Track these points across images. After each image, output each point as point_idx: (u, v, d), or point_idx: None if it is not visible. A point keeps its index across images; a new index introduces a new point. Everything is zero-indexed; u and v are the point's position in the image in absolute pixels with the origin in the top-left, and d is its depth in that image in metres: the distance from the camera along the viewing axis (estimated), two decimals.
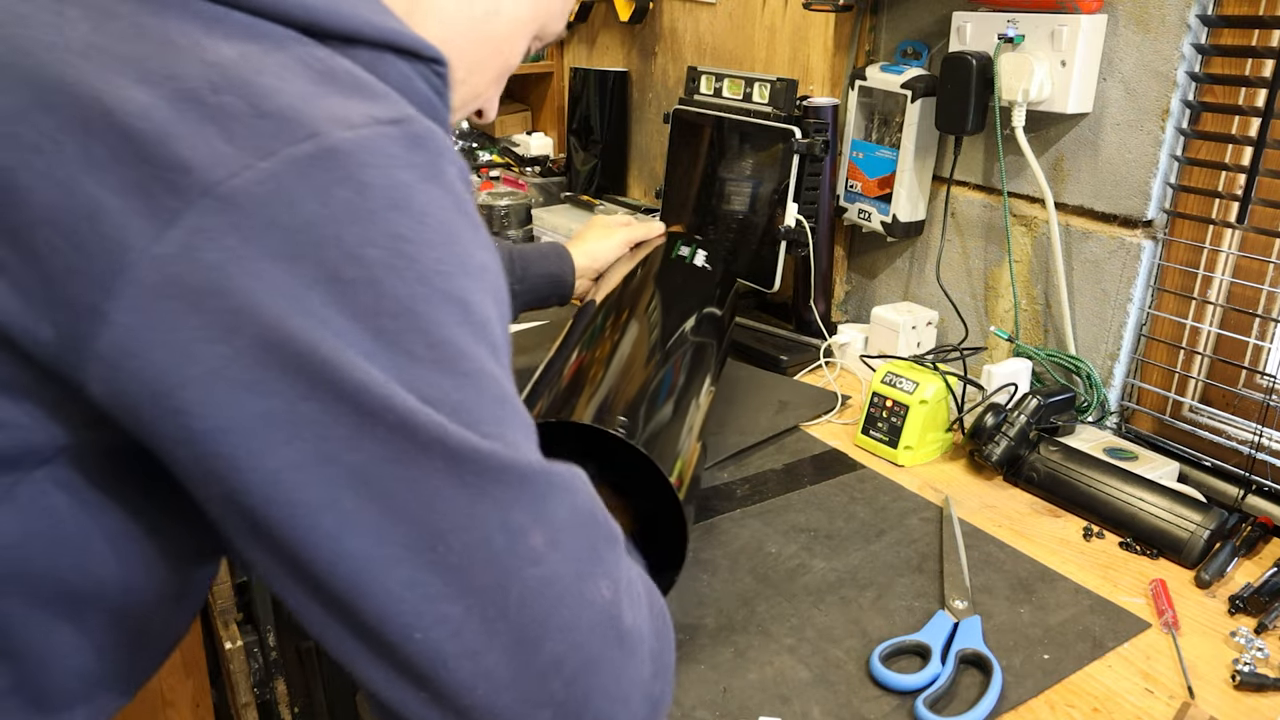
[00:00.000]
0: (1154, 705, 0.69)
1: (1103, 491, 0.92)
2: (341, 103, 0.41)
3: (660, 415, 0.78)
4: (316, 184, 0.39)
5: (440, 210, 0.42)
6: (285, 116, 0.40)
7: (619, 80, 1.82)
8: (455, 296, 0.42)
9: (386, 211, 0.40)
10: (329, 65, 0.43)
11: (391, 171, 0.41)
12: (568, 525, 0.44)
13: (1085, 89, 1.05)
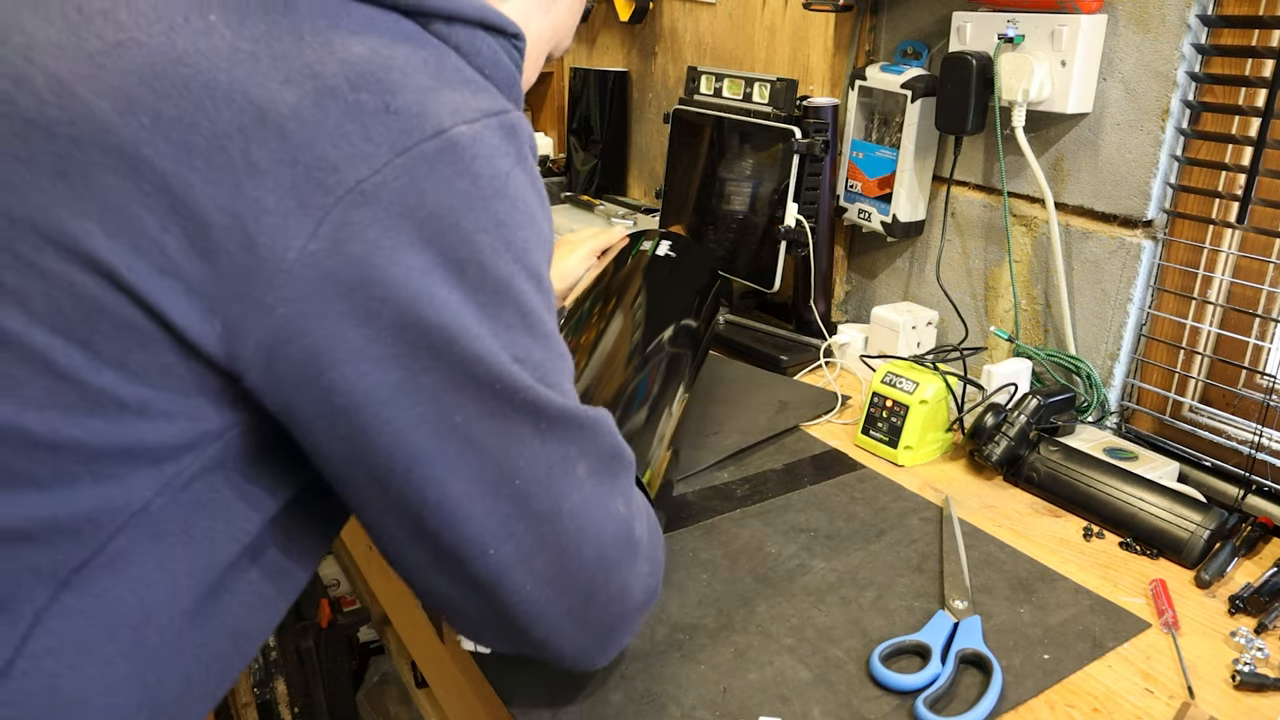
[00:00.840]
0: (1154, 705, 0.69)
1: (1103, 491, 0.92)
2: (456, 96, 0.46)
3: (630, 421, 0.78)
4: (441, 176, 0.45)
5: (526, 193, 0.49)
6: (414, 113, 0.44)
7: (619, 80, 1.82)
8: (534, 271, 0.50)
9: (492, 199, 0.46)
10: (440, 59, 0.48)
11: (495, 161, 0.47)
12: (601, 457, 0.55)
13: (1085, 89, 1.05)
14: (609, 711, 0.66)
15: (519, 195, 0.48)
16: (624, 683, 0.69)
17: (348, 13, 0.46)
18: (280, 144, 0.42)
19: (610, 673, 0.70)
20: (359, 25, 0.46)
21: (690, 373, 0.95)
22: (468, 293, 0.46)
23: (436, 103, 0.45)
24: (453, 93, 0.46)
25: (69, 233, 0.42)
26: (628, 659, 0.71)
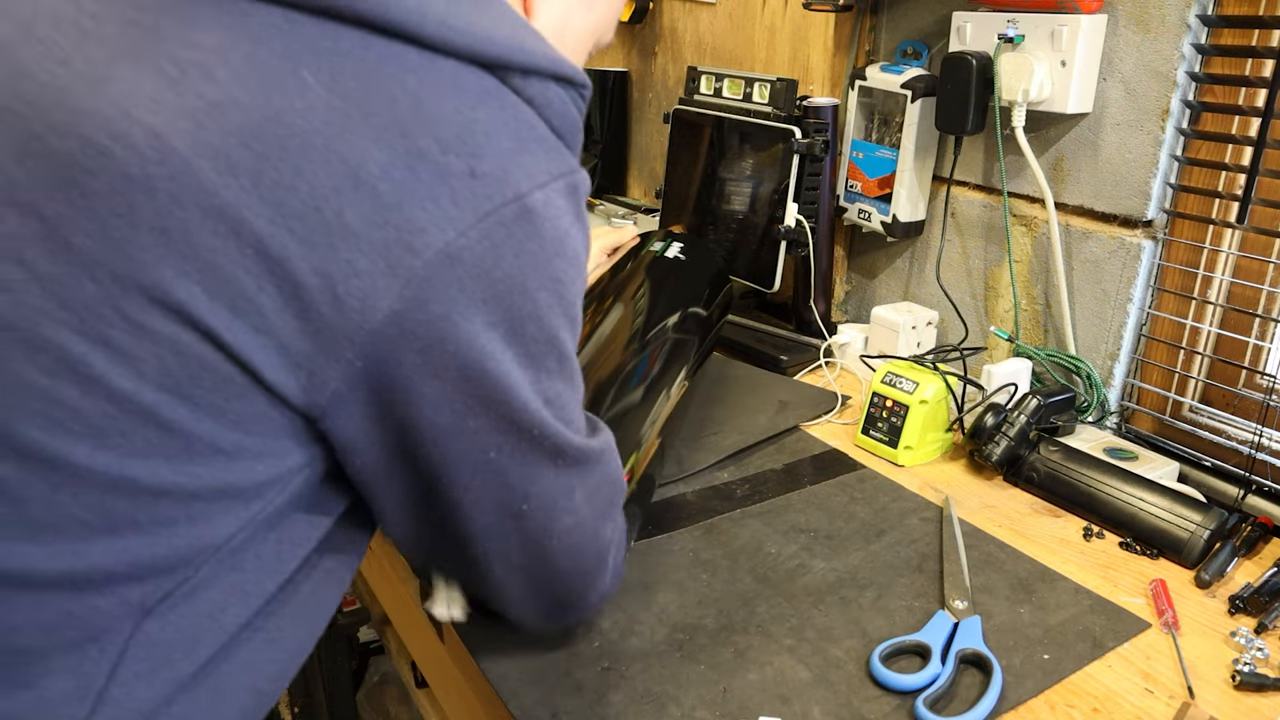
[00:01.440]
0: (1154, 705, 0.69)
1: (1103, 491, 0.92)
2: (531, 160, 0.49)
3: (616, 409, 0.78)
4: (516, 239, 0.48)
5: (580, 249, 0.53)
6: (497, 178, 0.47)
7: (619, 80, 1.82)
8: (576, 319, 0.54)
9: (554, 258, 0.50)
10: (518, 118, 0.50)
11: (559, 221, 0.50)
12: (599, 487, 0.60)
13: (1085, 89, 1.05)
14: (609, 711, 0.66)
15: (575, 252, 0.52)
16: (624, 683, 0.69)
17: (435, 69, 0.47)
18: (373, 205, 0.44)
19: (610, 673, 0.70)
20: (446, 83, 0.47)
21: (693, 360, 0.95)
22: (522, 347, 0.50)
23: (516, 167, 0.48)
24: (529, 156, 0.49)
25: (174, 294, 0.43)
26: (628, 659, 0.71)
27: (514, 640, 0.73)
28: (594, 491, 0.60)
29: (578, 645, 0.73)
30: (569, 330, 0.54)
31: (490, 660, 0.71)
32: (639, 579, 0.81)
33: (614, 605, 0.77)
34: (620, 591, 0.79)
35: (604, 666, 0.71)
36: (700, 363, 0.99)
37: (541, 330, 0.51)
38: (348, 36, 0.46)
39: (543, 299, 0.50)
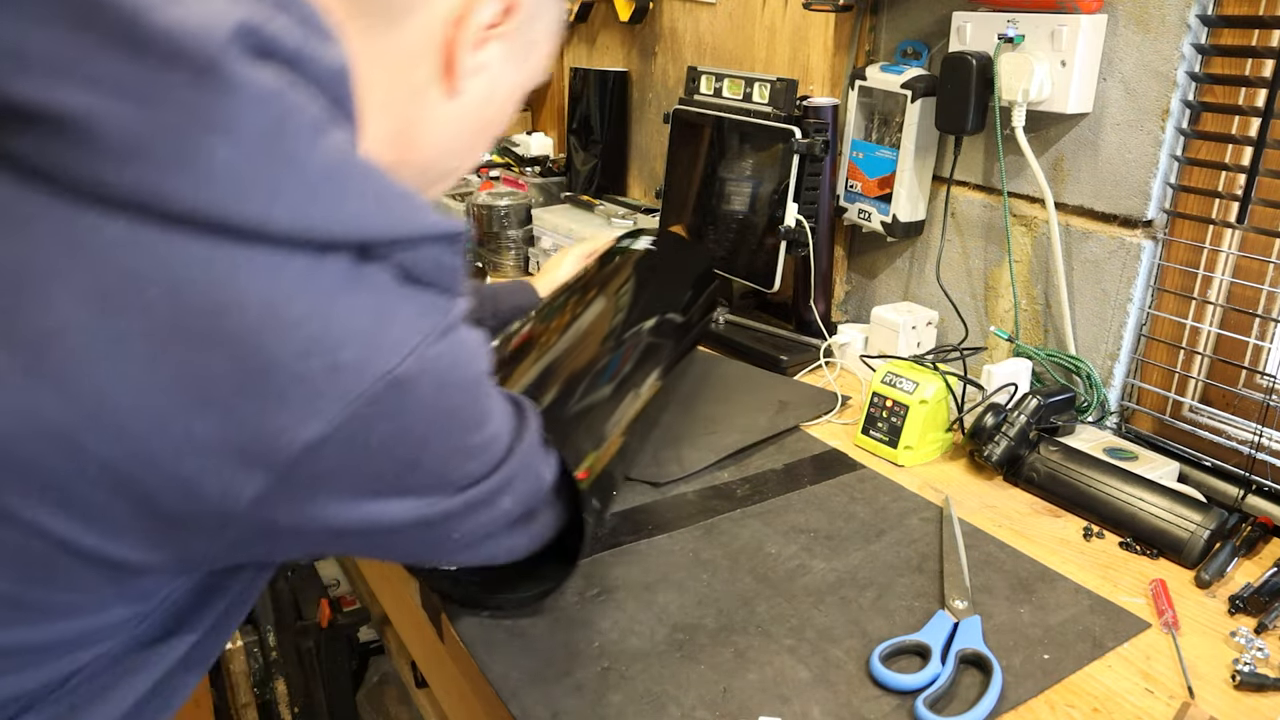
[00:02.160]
0: (1154, 705, 0.69)
1: (1103, 491, 0.92)
2: (400, 329, 0.47)
3: (581, 405, 0.77)
4: (389, 410, 0.47)
5: (463, 392, 0.52)
6: (359, 365, 0.45)
7: (619, 80, 1.82)
8: (478, 425, 0.54)
9: (435, 405, 0.50)
10: (383, 293, 0.48)
11: (437, 374, 0.49)
12: (523, 503, 0.61)
13: (1085, 89, 1.05)
14: (609, 711, 0.66)
15: (458, 390, 0.52)
16: (624, 683, 0.69)
17: (287, 270, 0.44)
18: (224, 420, 0.43)
19: (610, 673, 0.70)
20: (300, 283, 0.44)
21: (668, 360, 0.94)
22: (416, 494, 0.52)
23: (381, 345, 0.46)
24: (396, 327, 0.47)
25: (20, 514, 0.43)
26: (628, 659, 0.71)
27: (514, 640, 0.73)
28: (519, 512, 0.61)
29: (578, 645, 0.73)
30: (470, 449, 0.54)
31: (490, 660, 0.71)
32: (639, 579, 0.81)
33: (614, 605, 0.78)
34: (620, 591, 0.79)
35: (604, 666, 0.71)
36: (676, 362, 0.98)
37: (432, 473, 0.52)
38: (194, 247, 0.42)
39: (430, 451, 0.50)
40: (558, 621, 0.75)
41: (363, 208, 0.46)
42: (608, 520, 0.90)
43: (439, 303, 0.50)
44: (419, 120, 0.56)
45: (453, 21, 0.54)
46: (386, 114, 0.54)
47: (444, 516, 0.54)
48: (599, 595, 0.79)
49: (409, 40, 0.53)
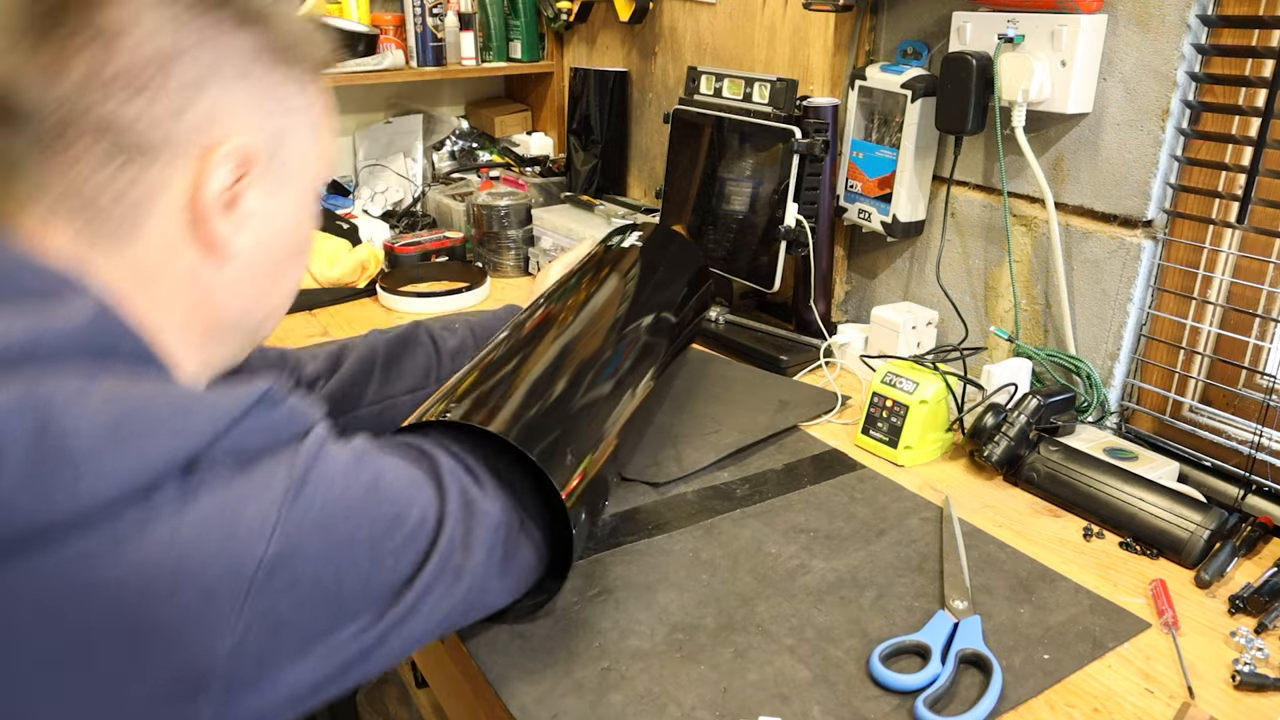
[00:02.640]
0: (1154, 705, 0.69)
1: (1103, 491, 0.92)
2: (249, 516, 0.48)
3: (580, 404, 0.77)
4: (282, 586, 0.49)
5: (354, 515, 0.53)
6: (231, 574, 0.47)
7: (619, 80, 1.82)
8: (391, 547, 0.55)
9: (333, 557, 0.52)
10: (219, 491, 0.48)
11: (316, 526, 0.51)
12: (483, 541, 0.62)
13: (1085, 89, 1.05)
14: (609, 712, 0.66)
15: (346, 520, 0.53)
16: (624, 683, 0.69)
17: (122, 533, 0.45)
18: (145, 680, 0.44)
19: (610, 673, 0.70)
20: (137, 533, 0.45)
21: (663, 360, 0.93)
22: (361, 617, 0.54)
23: (241, 543, 0.48)
24: (246, 516, 0.49)
25: None
26: (628, 659, 0.71)
27: (514, 640, 0.73)
28: (473, 538, 0.61)
29: (578, 645, 0.73)
30: (388, 537, 0.54)
31: (490, 660, 0.71)
32: (639, 579, 0.81)
33: (614, 605, 0.78)
34: (620, 591, 0.79)
35: (604, 666, 0.71)
36: (670, 362, 0.98)
37: (362, 591, 0.53)
38: (42, 564, 0.43)
39: (346, 578, 0.52)
40: (558, 621, 0.75)
41: (162, 433, 0.46)
42: (604, 520, 0.90)
43: (282, 462, 0.50)
44: (208, 294, 0.56)
45: (188, 206, 0.53)
46: (174, 305, 0.55)
47: (407, 612, 0.55)
48: (599, 595, 0.79)
49: (154, 241, 0.53)
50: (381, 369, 0.90)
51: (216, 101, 0.53)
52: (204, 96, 0.52)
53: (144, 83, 0.50)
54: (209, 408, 0.48)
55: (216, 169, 0.53)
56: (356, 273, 1.56)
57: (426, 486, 0.60)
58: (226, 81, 0.53)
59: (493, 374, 0.77)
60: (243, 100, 0.54)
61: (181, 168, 0.52)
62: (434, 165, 2.05)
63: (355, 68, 1.77)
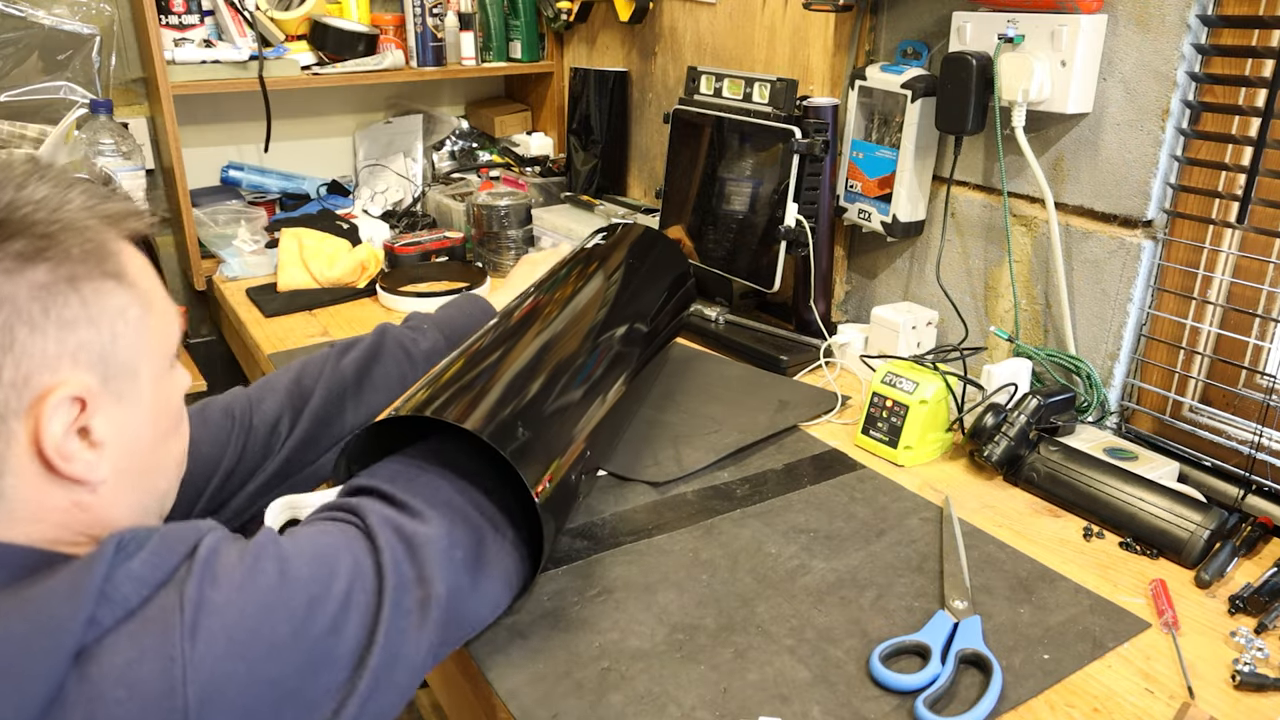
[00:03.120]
0: (1154, 705, 0.69)
1: (1103, 491, 0.92)
2: (150, 676, 0.47)
3: (551, 408, 0.77)
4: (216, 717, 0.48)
5: (267, 625, 0.52)
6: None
7: (619, 80, 1.82)
8: (326, 622, 0.54)
9: (260, 670, 0.51)
10: (115, 658, 0.47)
11: (228, 654, 0.50)
12: (440, 567, 0.63)
13: (1085, 89, 1.05)
14: (609, 712, 0.66)
15: (257, 634, 0.51)
16: (624, 683, 0.69)
17: None
18: None
19: (610, 673, 0.70)
20: None
21: (635, 365, 0.94)
22: (334, 694, 0.54)
23: (152, 707, 0.47)
24: (148, 678, 0.47)
25: None
26: (628, 659, 0.71)
27: (514, 640, 0.73)
28: (427, 569, 0.61)
29: (578, 645, 0.73)
30: (319, 616, 0.54)
31: (490, 660, 0.71)
32: (639, 579, 0.81)
33: (614, 605, 0.78)
34: (620, 591, 0.79)
35: (604, 666, 0.71)
36: (642, 367, 0.97)
37: (309, 681, 0.52)
38: None
39: (287, 679, 0.51)
40: (558, 621, 0.75)
41: (30, 658, 0.45)
42: (604, 520, 0.90)
43: (165, 605, 0.48)
44: (95, 509, 0.55)
45: (36, 457, 0.51)
46: (66, 526, 0.54)
47: (384, 666, 0.55)
48: (599, 595, 0.79)
49: (19, 493, 0.51)
50: (353, 394, 0.87)
51: (22, 362, 0.50)
52: (6, 364, 0.49)
53: None
54: (67, 596, 0.47)
55: (50, 421, 0.51)
56: (356, 273, 1.56)
57: (351, 545, 0.59)
58: (25, 337, 0.50)
59: (466, 373, 0.77)
60: (51, 345, 0.51)
61: (14, 431, 0.50)
62: (434, 165, 2.05)
63: (355, 68, 1.77)
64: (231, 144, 1.90)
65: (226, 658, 0.49)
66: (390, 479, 0.68)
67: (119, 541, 0.50)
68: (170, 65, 1.59)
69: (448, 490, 0.69)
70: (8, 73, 1.61)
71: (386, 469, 0.70)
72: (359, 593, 0.56)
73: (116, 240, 0.56)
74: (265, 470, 0.81)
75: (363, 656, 0.55)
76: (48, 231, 0.51)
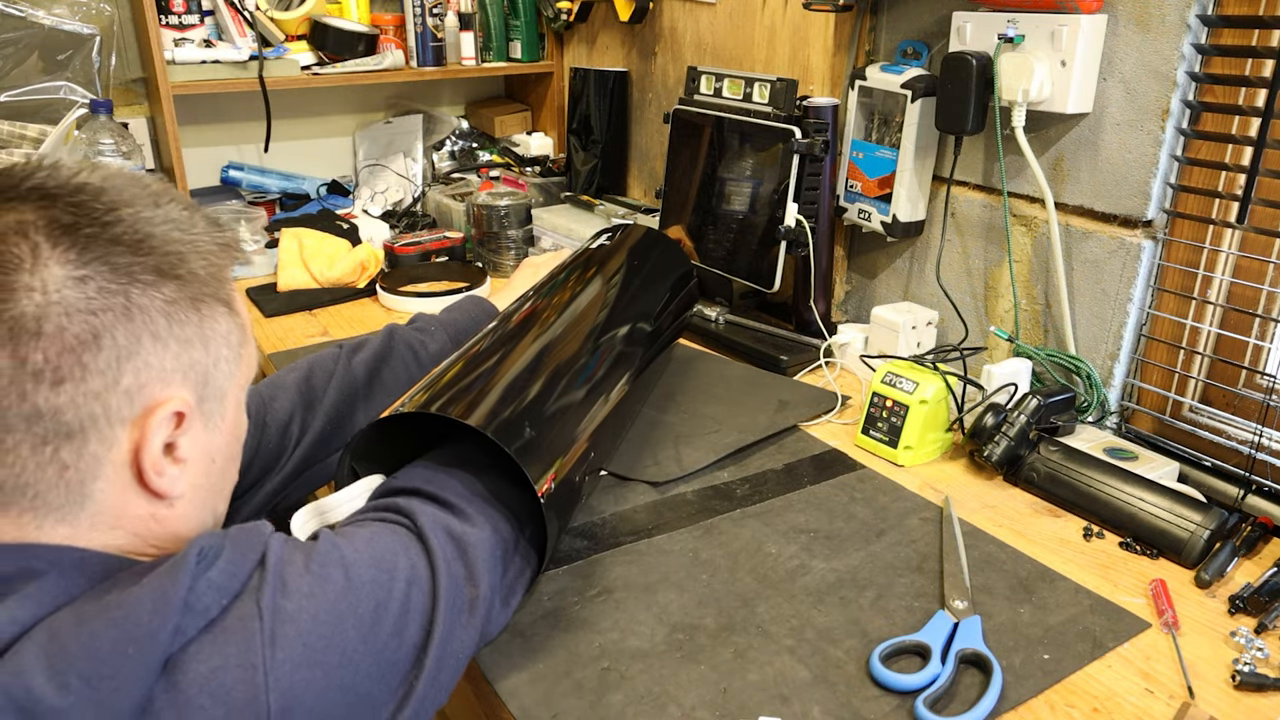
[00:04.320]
0: (1154, 705, 0.69)
1: (1103, 491, 0.92)
2: (235, 684, 0.48)
3: (555, 407, 0.77)
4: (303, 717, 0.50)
5: (339, 633, 0.52)
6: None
7: (619, 80, 1.82)
8: (390, 625, 0.56)
9: (338, 677, 0.52)
10: (206, 665, 0.48)
11: (306, 661, 0.51)
12: (484, 563, 0.64)
13: (1085, 89, 1.05)
14: (609, 712, 0.66)
15: (333, 642, 0.52)
16: (624, 683, 0.69)
17: None
18: None
19: (610, 673, 0.70)
20: None
21: (638, 364, 0.94)
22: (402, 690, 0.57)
23: (242, 712, 0.48)
24: (235, 686, 0.49)
25: None
26: (628, 659, 0.71)
27: (514, 640, 0.73)
28: (475, 569, 0.63)
29: (578, 645, 0.73)
30: (384, 620, 0.55)
31: (490, 660, 0.71)
32: (639, 579, 0.81)
33: (614, 605, 0.78)
34: (620, 591, 0.79)
35: (604, 666, 0.71)
36: (645, 368, 0.98)
37: (379, 676, 0.54)
38: None
39: (360, 681, 0.53)
40: (558, 621, 0.75)
41: (126, 665, 0.46)
42: (604, 520, 0.90)
43: (245, 614, 0.49)
44: (168, 521, 0.56)
45: (130, 466, 0.53)
46: (139, 535, 0.54)
47: (436, 666, 0.56)
48: (599, 595, 0.79)
49: (104, 502, 0.52)
50: (364, 395, 0.88)
51: (141, 371, 0.52)
52: (127, 370, 0.51)
53: (66, 373, 0.49)
54: (155, 607, 0.47)
55: (153, 435, 0.53)
56: (356, 273, 1.56)
57: (407, 548, 0.60)
58: (149, 348, 0.52)
59: (470, 372, 0.77)
60: (169, 360, 0.53)
61: (118, 438, 0.52)
62: (434, 165, 2.05)
63: (355, 68, 1.77)
64: (231, 144, 1.90)
65: (304, 665, 0.50)
66: (427, 480, 0.69)
67: (200, 551, 0.50)
68: (170, 65, 1.59)
69: (482, 489, 0.70)
70: (8, 73, 1.61)
71: (419, 472, 0.70)
72: (417, 595, 0.57)
73: (228, 268, 0.58)
74: (282, 470, 0.81)
75: (419, 658, 0.56)
76: (180, 251, 0.54)
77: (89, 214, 0.51)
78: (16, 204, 0.50)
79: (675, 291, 1.09)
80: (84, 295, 0.49)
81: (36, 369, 0.48)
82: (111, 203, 0.52)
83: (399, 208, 1.94)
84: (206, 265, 0.55)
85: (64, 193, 0.51)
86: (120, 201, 0.53)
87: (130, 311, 0.51)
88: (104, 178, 0.54)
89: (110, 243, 0.51)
